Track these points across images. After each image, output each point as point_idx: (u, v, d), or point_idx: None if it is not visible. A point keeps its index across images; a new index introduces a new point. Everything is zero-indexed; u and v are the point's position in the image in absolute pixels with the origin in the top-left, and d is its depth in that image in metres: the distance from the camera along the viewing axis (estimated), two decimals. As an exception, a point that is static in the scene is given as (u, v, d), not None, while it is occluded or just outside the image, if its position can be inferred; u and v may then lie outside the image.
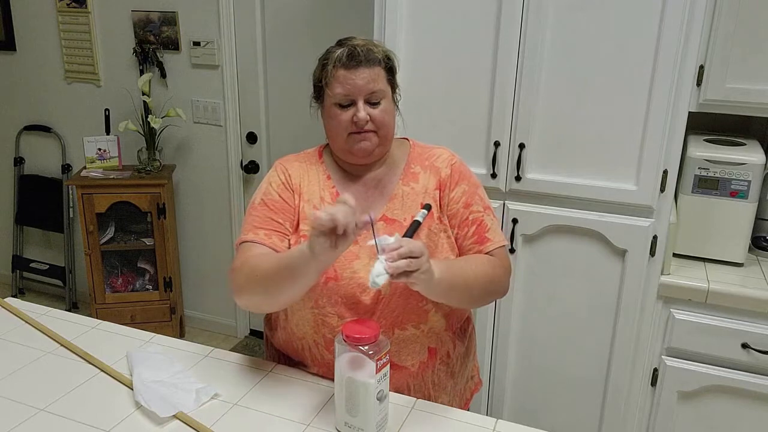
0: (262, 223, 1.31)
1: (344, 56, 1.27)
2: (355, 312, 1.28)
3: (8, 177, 3.59)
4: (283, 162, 1.42)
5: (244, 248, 1.29)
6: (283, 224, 1.31)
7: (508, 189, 2.00)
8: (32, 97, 3.40)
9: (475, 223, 1.35)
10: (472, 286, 1.27)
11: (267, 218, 1.31)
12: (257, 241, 1.28)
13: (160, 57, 3.06)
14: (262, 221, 1.31)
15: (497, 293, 1.36)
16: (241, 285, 1.24)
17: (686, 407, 1.95)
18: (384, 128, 1.31)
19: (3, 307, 1.59)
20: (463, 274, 1.26)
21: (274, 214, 1.32)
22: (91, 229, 3.01)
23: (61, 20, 3.17)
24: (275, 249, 1.27)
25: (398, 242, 1.08)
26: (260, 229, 1.30)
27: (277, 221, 1.31)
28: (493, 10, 1.86)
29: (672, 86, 1.75)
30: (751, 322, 1.83)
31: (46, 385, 1.28)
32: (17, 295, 3.69)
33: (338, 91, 1.27)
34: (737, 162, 1.89)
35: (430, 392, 1.38)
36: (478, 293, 1.31)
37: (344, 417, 1.14)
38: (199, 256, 3.35)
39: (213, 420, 1.18)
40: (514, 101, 1.91)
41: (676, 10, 1.69)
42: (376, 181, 1.37)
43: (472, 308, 1.40)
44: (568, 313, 2.03)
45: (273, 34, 2.90)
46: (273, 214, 1.32)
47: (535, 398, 2.15)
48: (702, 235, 1.98)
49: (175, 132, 3.16)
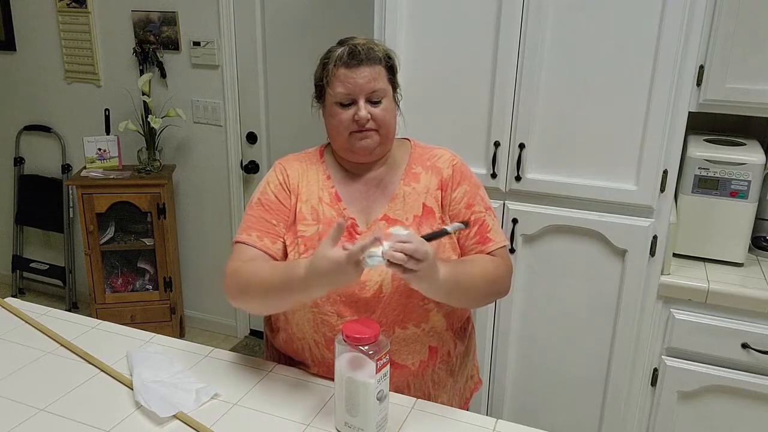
0: (255, 223, 1.33)
1: (345, 55, 1.28)
2: (355, 310, 1.28)
3: (8, 177, 3.59)
4: (282, 162, 1.42)
5: (238, 249, 1.32)
6: (276, 225, 1.33)
7: (508, 189, 2.00)
8: (32, 97, 3.40)
9: (476, 224, 1.36)
10: (475, 287, 1.28)
11: (261, 219, 1.34)
12: (250, 243, 1.31)
13: (160, 57, 3.06)
14: (256, 221, 1.34)
15: (499, 293, 1.37)
16: (234, 294, 1.28)
17: (686, 407, 1.95)
18: (385, 127, 1.31)
19: (3, 307, 1.59)
20: (466, 275, 1.26)
21: (269, 215, 1.34)
22: (91, 229, 3.01)
23: (61, 20, 3.17)
24: (266, 252, 1.31)
25: (409, 238, 1.09)
26: (254, 230, 1.33)
27: (271, 222, 1.33)
28: (493, 10, 1.86)
29: (672, 86, 1.75)
30: (751, 322, 1.83)
31: (46, 385, 1.28)
32: (17, 295, 3.69)
33: (339, 90, 1.28)
34: (737, 162, 1.89)
35: (429, 391, 1.39)
36: (481, 294, 1.31)
37: (344, 417, 1.14)
38: (199, 256, 3.35)
39: (213, 420, 1.18)
40: (514, 101, 1.91)
41: (676, 10, 1.69)
42: (378, 180, 1.37)
43: (474, 308, 1.40)
44: (568, 313, 2.03)
45: (273, 34, 2.90)
46: (267, 215, 1.34)
47: (535, 398, 2.15)
48: (702, 235, 1.98)
49: (175, 132, 3.16)
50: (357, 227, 1.33)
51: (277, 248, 1.32)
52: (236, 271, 1.27)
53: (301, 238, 1.32)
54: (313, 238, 1.31)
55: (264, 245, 1.31)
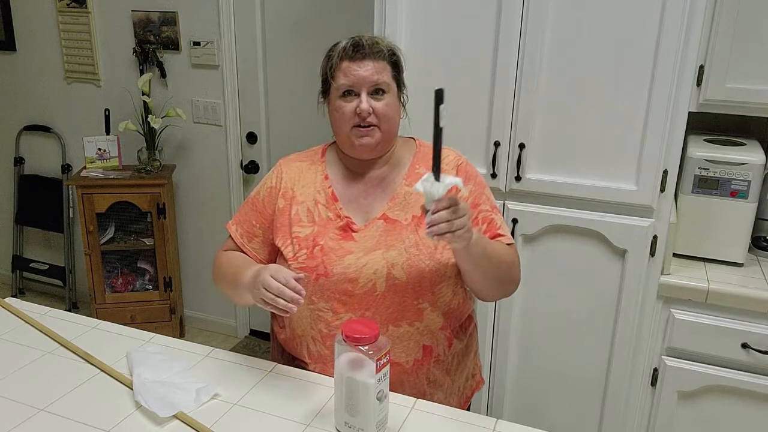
0: (242, 218, 1.45)
1: (350, 48, 1.29)
2: (349, 307, 1.29)
3: (8, 177, 3.60)
4: (283, 163, 1.44)
5: (228, 239, 1.47)
6: (255, 226, 1.42)
7: (508, 189, 2.00)
8: (32, 97, 3.40)
9: (485, 222, 1.37)
10: (498, 262, 1.31)
11: (247, 216, 1.44)
12: (232, 236, 1.45)
13: (160, 57, 3.06)
14: (242, 217, 1.45)
15: (513, 282, 1.39)
16: (213, 279, 1.46)
17: (686, 407, 1.95)
18: (387, 122, 1.31)
19: (3, 307, 1.59)
20: (491, 246, 1.30)
21: (253, 216, 1.43)
22: (91, 229, 3.01)
23: (61, 20, 3.17)
24: (241, 248, 1.43)
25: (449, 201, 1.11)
26: (240, 224, 1.45)
27: (251, 222, 1.43)
28: (493, 11, 1.87)
29: (672, 86, 1.75)
30: (751, 322, 1.83)
31: (46, 385, 1.28)
32: (17, 295, 3.69)
33: (342, 82, 1.29)
34: (737, 162, 1.89)
35: (425, 389, 1.38)
36: (503, 273, 1.34)
37: (344, 417, 1.14)
38: (199, 256, 3.35)
39: (213, 420, 1.18)
40: (514, 101, 1.91)
41: (676, 10, 1.69)
42: (379, 179, 1.38)
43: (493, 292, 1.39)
44: (568, 313, 2.03)
45: (273, 34, 2.90)
46: (252, 216, 1.43)
47: (535, 398, 2.15)
48: (702, 235, 1.98)
49: (175, 132, 3.16)
50: (353, 225, 1.33)
51: (253, 246, 1.43)
52: (217, 259, 1.46)
53: (296, 238, 1.33)
54: (308, 239, 1.32)
55: (241, 242, 1.43)
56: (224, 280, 1.40)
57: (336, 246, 1.31)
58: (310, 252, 1.31)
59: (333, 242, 1.32)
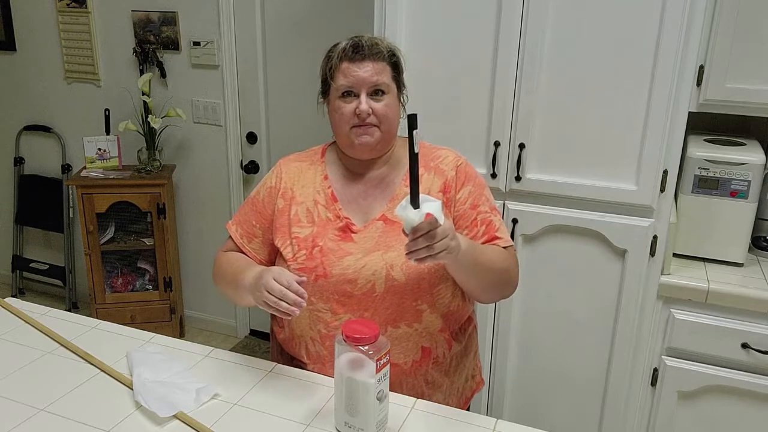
0: (242, 218, 1.45)
1: (349, 48, 1.29)
2: (348, 308, 1.29)
3: (8, 177, 3.60)
4: (283, 163, 1.44)
5: (228, 239, 1.48)
6: (254, 227, 1.42)
7: (508, 189, 2.00)
8: (32, 97, 3.40)
9: (484, 223, 1.36)
10: (491, 269, 1.29)
11: (246, 217, 1.44)
12: (232, 236, 1.45)
13: (160, 57, 3.06)
14: (242, 217, 1.45)
15: (510, 285, 1.37)
16: (213, 279, 1.46)
17: (686, 407, 1.95)
18: (386, 122, 1.31)
19: (3, 307, 1.59)
20: (483, 253, 1.28)
21: (253, 216, 1.43)
22: (91, 229, 3.01)
23: (61, 20, 3.17)
24: (241, 249, 1.44)
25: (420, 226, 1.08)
26: (239, 225, 1.45)
27: (251, 223, 1.43)
28: (493, 11, 1.86)
29: (672, 86, 1.75)
30: (751, 322, 1.83)
31: (46, 385, 1.28)
32: (17, 295, 3.69)
33: (342, 83, 1.29)
34: (737, 162, 1.89)
35: (423, 390, 1.38)
36: (497, 278, 1.32)
37: (344, 417, 1.14)
38: (199, 256, 3.34)
39: (213, 420, 1.18)
40: (514, 101, 1.91)
41: (676, 10, 1.69)
42: (379, 180, 1.38)
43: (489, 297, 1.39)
44: (568, 313, 2.03)
45: (273, 34, 2.90)
46: (251, 216, 1.43)
47: (535, 398, 2.15)
48: (702, 235, 1.98)
49: (175, 132, 3.16)
50: (353, 226, 1.33)
51: (253, 246, 1.43)
52: (217, 259, 1.46)
53: (295, 239, 1.33)
54: (307, 240, 1.33)
55: (241, 243, 1.43)
56: (225, 280, 1.40)
57: (335, 247, 1.31)
58: (309, 253, 1.31)
59: (332, 243, 1.32)
